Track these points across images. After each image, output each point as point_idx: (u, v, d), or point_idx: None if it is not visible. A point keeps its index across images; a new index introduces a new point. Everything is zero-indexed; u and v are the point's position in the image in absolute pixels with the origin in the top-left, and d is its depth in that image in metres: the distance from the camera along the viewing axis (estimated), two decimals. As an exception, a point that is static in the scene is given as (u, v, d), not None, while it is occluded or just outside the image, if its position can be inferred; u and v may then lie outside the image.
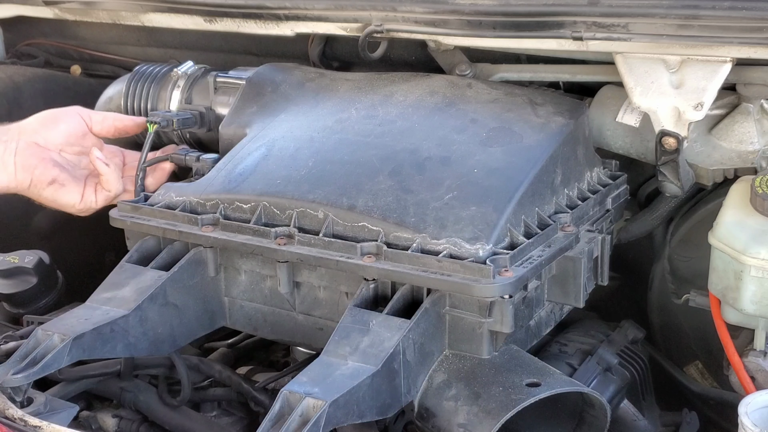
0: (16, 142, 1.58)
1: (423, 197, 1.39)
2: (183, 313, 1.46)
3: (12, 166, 1.57)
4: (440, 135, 1.51)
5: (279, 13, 1.90)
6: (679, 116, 1.51)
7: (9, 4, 2.36)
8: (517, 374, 1.29)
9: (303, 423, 1.13)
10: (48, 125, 1.63)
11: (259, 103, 1.72)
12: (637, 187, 1.78)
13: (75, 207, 1.63)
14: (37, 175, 1.58)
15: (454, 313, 1.31)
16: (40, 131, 1.61)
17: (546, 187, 1.45)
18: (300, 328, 1.47)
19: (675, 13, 1.47)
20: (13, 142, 1.58)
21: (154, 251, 1.51)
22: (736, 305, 1.40)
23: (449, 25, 1.70)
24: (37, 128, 1.61)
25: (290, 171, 1.49)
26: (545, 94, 1.67)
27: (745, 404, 1.21)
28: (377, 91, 1.67)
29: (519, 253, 1.31)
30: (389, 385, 1.24)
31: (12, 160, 1.57)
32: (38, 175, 1.58)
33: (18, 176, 1.57)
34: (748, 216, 1.40)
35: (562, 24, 1.57)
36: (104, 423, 1.51)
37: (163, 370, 1.53)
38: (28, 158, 1.58)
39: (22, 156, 1.58)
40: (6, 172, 1.57)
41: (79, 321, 1.36)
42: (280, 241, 1.39)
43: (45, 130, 1.62)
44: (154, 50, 2.28)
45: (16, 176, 1.57)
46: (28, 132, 1.60)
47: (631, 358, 1.63)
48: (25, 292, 1.78)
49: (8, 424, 1.21)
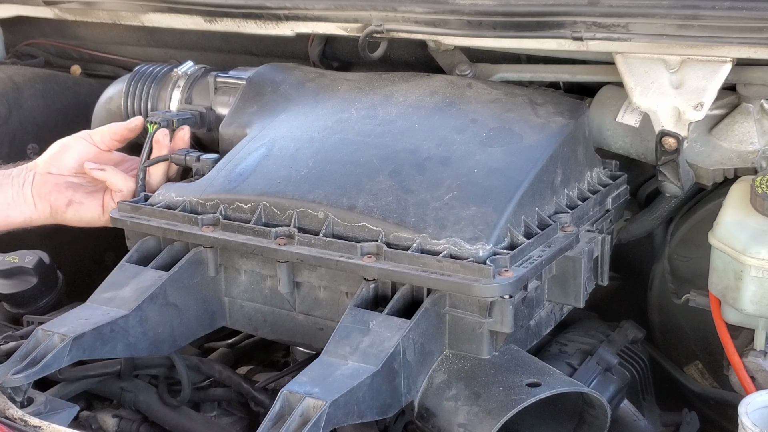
0: (32, 177, 1.67)
1: (423, 197, 1.39)
2: (183, 313, 1.46)
3: (30, 198, 1.65)
4: (440, 135, 1.51)
5: (279, 13, 1.90)
6: (679, 116, 1.51)
7: (9, 4, 2.36)
8: (517, 374, 1.29)
9: (303, 423, 1.13)
10: (58, 155, 1.69)
11: (259, 103, 1.73)
12: (637, 187, 1.78)
13: (100, 220, 1.68)
14: (53, 200, 1.65)
15: (455, 313, 1.31)
16: (52, 162, 1.68)
17: (546, 187, 1.45)
18: (300, 328, 1.47)
19: (675, 13, 1.47)
20: (29, 177, 1.67)
21: (154, 251, 1.51)
22: (736, 305, 1.40)
23: (449, 25, 1.70)
24: (49, 160, 1.68)
25: (290, 171, 1.49)
26: (545, 94, 1.67)
27: (745, 404, 1.21)
28: (377, 91, 1.67)
29: (519, 253, 1.31)
30: (389, 385, 1.24)
31: (29, 192, 1.66)
32: (54, 200, 1.65)
33: (38, 207, 1.66)
34: (748, 216, 1.40)
35: (562, 24, 1.57)
36: (104, 423, 1.51)
37: (163, 370, 1.53)
38: (42, 188, 1.66)
39: (37, 188, 1.66)
40: (27, 206, 1.65)
41: (79, 321, 1.36)
42: (280, 241, 1.39)
43: (57, 161, 1.68)
44: (154, 50, 2.28)
45: (36, 207, 1.66)
46: (40, 166, 1.68)
47: (631, 358, 1.63)
48: (25, 292, 1.78)
49: (8, 424, 1.21)
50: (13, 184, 1.66)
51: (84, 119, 2.03)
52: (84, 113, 2.05)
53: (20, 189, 1.65)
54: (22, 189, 1.65)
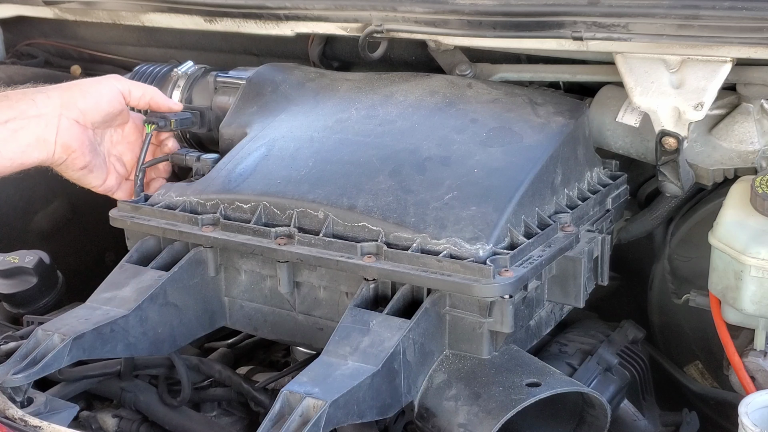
0: (58, 119, 1.55)
1: (423, 197, 1.39)
2: (183, 313, 1.46)
3: (52, 146, 1.54)
4: (440, 135, 1.51)
5: (279, 13, 1.90)
6: (679, 116, 1.51)
7: (9, 4, 2.36)
8: (517, 374, 1.29)
9: (303, 423, 1.13)
10: (90, 102, 1.59)
11: (259, 103, 1.72)
12: (637, 187, 1.78)
13: (96, 188, 1.63)
14: (73, 158, 1.56)
15: (455, 313, 1.31)
16: (82, 107, 1.57)
17: (546, 187, 1.45)
18: (300, 328, 1.47)
19: (675, 13, 1.47)
20: (54, 117, 1.54)
21: (154, 251, 1.51)
22: (736, 305, 1.40)
23: (449, 25, 1.70)
24: (79, 103, 1.57)
25: (290, 171, 1.49)
26: (545, 94, 1.67)
27: (745, 404, 1.21)
28: (377, 91, 1.67)
29: (519, 253, 1.31)
30: (389, 385, 1.24)
31: (53, 138, 1.54)
32: (74, 158, 1.57)
33: (56, 155, 1.55)
34: (748, 216, 1.40)
35: (562, 24, 1.57)
36: (104, 423, 1.51)
37: (163, 371, 1.53)
38: (68, 140, 1.55)
39: (63, 136, 1.55)
40: (46, 150, 1.54)
41: (79, 321, 1.36)
42: (280, 241, 1.39)
43: (87, 107, 1.58)
44: (154, 50, 2.28)
45: (54, 155, 1.55)
46: (70, 107, 1.56)
47: (631, 358, 1.63)
48: (25, 292, 1.78)
49: (8, 424, 1.21)
50: (38, 125, 1.53)
51: (84, 119, 2.03)
52: (84, 113, 2.05)
53: (44, 131, 1.53)
54: (45, 132, 1.53)
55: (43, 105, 1.54)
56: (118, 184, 1.66)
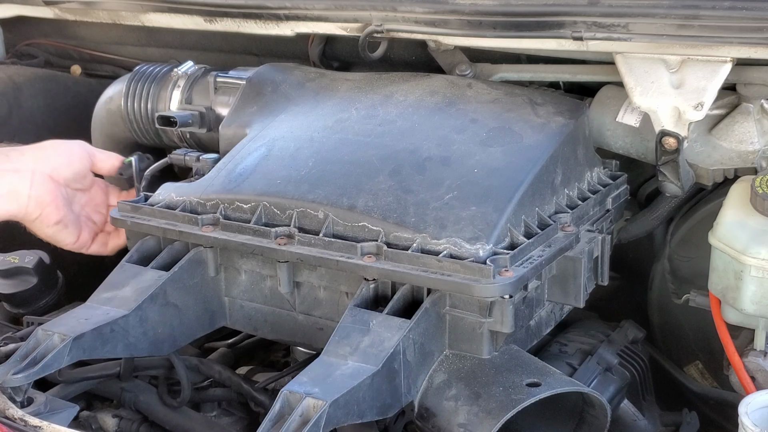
0: (32, 174, 1.57)
1: (423, 197, 1.39)
2: (183, 313, 1.46)
3: (25, 199, 1.56)
4: (440, 135, 1.51)
5: (279, 13, 1.90)
6: (679, 116, 1.51)
7: (9, 4, 2.36)
8: (517, 374, 1.29)
9: (303, 423, 1.13)
10: (63, 158, 1.63)
11: (259, 103, 1.73)
12: (637, 187, 1.78)
13: (70, 245, 1.66)
14: (47, 213, 1.58)
15: (455, 313, 1.31)
16: (54, 163, 1.61)
17: (546, 187, 1.45)
18: (300, 328, 1.47)
19: (675, 13, 1.47)
20: (28, 172, 1.57)
21: (155, 251, 1.51)
22: (736, 305, 1.40)
23: (449, 25, 1.70)
24: (52, 159, 1.61)
25: (290, 171, 1.49)
26: (545, 94, 1.67)
27: (745, 404, 1.21)
28: (377, 91, 1.67)
29: (519, 253, 1.31)
30: (389, 385, 1.24)
31: (27, 192, 1.56)
32: (48, 213, 1.58)
33: (29, 209, 1.56)
34: (748, 216, 1.40)
35: (562, 24, 1.57)
36: (104, 423, 1.51)
37: (163, 371, 1.53)
38: (42, 194, 1.57)
39: (37, 190, 1.57)
40: (17, 203, 1.55)
41: (79, 321, 1.36)
42: (281, 241, 1.39)
43: (59, 163, 1.61)
44: (154, 50, 2.28)
45: (27, 209, 1.56)
46: (43, 162, 1.59)
47: (631, 358, 1.63)
48: (25, 292, 1.78)
49: (8, 424, 1.21)
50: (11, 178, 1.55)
51: (84, 119, 2.04)
52: (84, 113, 2.05)
53: (17, 184, 1.55)
54: (18, 185, 1.55)
55: (16, 160, 1.57)
56: (91, 238, 1.68)
